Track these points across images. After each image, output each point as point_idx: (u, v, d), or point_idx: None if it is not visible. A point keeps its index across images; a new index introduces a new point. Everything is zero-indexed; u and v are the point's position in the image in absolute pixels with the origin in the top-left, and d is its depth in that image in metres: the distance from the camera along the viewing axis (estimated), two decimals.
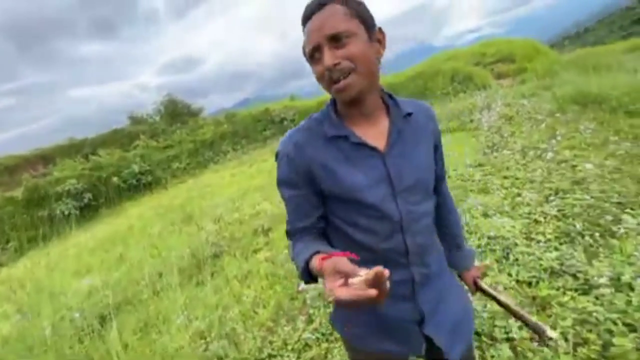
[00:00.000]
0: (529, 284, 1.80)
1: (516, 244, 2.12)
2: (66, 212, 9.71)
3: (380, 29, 0.70)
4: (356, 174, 0.70)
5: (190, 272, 3.50)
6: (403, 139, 0.73)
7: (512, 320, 1.56)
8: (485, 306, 1.71)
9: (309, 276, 0.64)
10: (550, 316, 1.56)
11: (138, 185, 11.29)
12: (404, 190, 0.72)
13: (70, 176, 10.55)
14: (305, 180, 0.72)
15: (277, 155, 0.76)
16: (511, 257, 2.02)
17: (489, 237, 2.28)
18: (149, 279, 3.43)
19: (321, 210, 0.76)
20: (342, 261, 0.51)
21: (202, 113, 16.95)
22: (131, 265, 4.35)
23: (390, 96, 0.77)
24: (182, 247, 4.22)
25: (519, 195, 2.82)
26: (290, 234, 0.78)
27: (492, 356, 1.46)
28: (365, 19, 0.67)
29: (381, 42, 0.70)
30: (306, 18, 0.67)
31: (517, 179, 3.16)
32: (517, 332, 1.50)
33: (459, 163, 3.97)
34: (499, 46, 12.32)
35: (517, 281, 1.85)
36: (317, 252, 0.61)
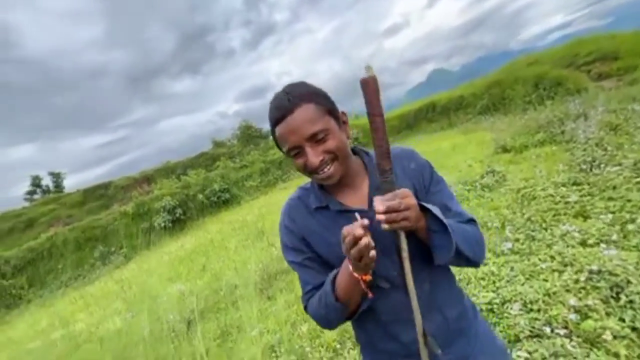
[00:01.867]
0: None
1: (629, 282, 1.75)
2: (162, 225, 11.35)
3: (343, 112, 0.75)
4: None
5: (262, 285, 3.74)
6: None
7: None
8: None
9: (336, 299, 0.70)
10: None
11: (218, 202, 12.61)
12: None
13: (166, 194, 12.37)
14: (306, 246, 0.78)
15: (279, 224, 0.83)
16: (623, 298, 1.68)
17: (590, 272, 1.94)
18: (226, 289, 3.77)
19: (327, 272, 0.77)
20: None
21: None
22: (212, 276, 4.84)
23: (367, 154, 0.81)
24: (255, 261, 4.54)
25: (632, 221, 2.34)
26: (306, 295, 0.80)
27: None
28: (333, 111, 0.72)
29: (346, 122, 0.76)
30: (278, 119, 0.68)
31: (628, 201, 2.63)
32: None
33: (548, 182, 3.49)
34: (598, 43, 10.57)
35: (634, 329, 1.52)
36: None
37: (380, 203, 0.62)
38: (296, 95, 0.67)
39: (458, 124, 11.37)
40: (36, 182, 27.07)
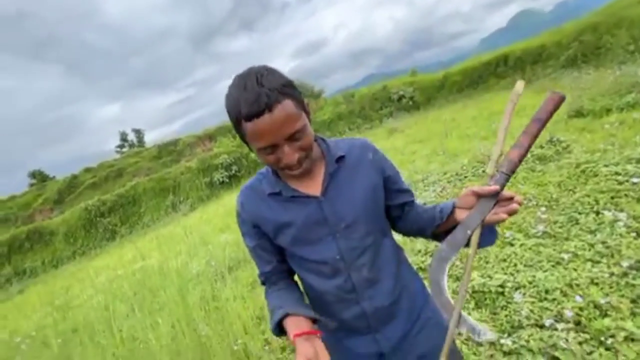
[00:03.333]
0: None
1: None
2: (220, 180, 12.52)
3: (307, 102, 0.73)
4: (293, 222, 0.76)
5: None
6: (337, 181, 0.77)
7: None
8: None
9: (281, 332, 0.70)
10: None
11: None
12: (344, 228, 0.76)
13: (224, 152, 13.41)
14: (256, 233, 0.81)
15: (235, 212, 0.85)
16: None
17: (629, 267, 1.70)
18: None
19: (280, 255, 0.83)
20: (306, 348, 0.60)
21: (324, 94, 18.04)
22: None
23: (325, 142, 0.81)
24: None
25: None
26: (261, 279, 0.86)
27: None
28: (304, 104, 0.69)
29: (309, 112, 0.74)
30: (252, 116, 0.61)
31: None
32: None
33: (620, 156, 2.94)
34: None
35: None
36: (287, 315, 0.68)
37: (520, 199, 0.67)
38: (274, 89, 0.61)
39: (534, 81, 9.77)
40: (123, 137, 31.47)
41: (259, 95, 0.59)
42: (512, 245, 2.35)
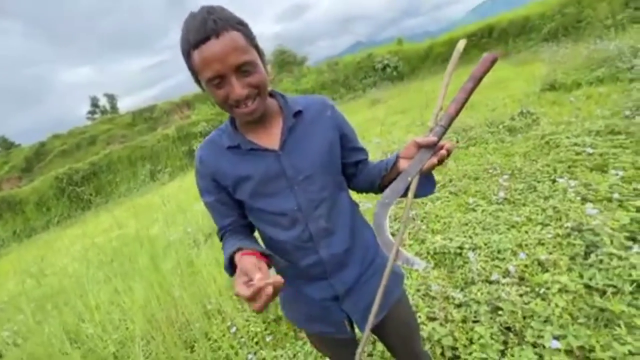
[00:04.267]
0: (603, 293, 1.45)
1: (606, 244, 1.66)
2: None
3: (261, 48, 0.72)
4: (252, 175, 0.77)
5: None
6: (295, 135, 0.79)
7: (548, 327, 1.35)
8: (526, 302, 1.50)
9: (233, 270, 0.68)
10: (610, 336, 1.27)
11: None
12: (302, 181, 0.78)
13: (202, 119, 12.96)
14: (215, 187, 0.81)
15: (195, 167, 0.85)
16: (592, 258, 1.62)
17: (572, 228, 1.85)
18: None
19: (239, 210, 0.84)
20: (246, 263, 0.58)
21: (307, 61, 17.43)
22: None
23: (283, 97, 0.82)
24: None
25: None
26: (219, 234, 0.87)
27: (513, 355, 1.33)
28: (258, 46, 0.70)
29: (264, 61, 0.73)
30: (199, 42, 0.61)
31: None
32: (550, 340, 1.30)
33: (581, 128, 3.09)
34: None
35: (587, 286, 1.51)
36: (240, 249, 0.66)
37: (451, 144, 0.71)
38: (222, 19, 0.61)
39: (515, 53, 9.79)
40: (94, 103, 29.59)
41: (206, 21, 0.60)
42: (474, 211, 2.49)
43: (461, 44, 0.69)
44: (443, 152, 0.70)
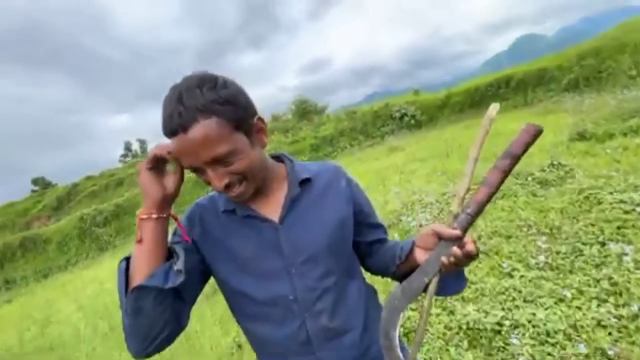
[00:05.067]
0: None
1: None
2: None
3: (259, 117, 0.61)
4: (244, 247, 0.65)
5: None
6: (300, 207, 0.68)
7: None
8: None
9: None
10: None
11: None
12: (302, 263, 0.65)
13: None
14: (191, 248, 0.65)
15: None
16: None
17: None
18: None
19: (192, 291, 0.65)
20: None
21: (327, 110, 18.18)
22: None
23: (292, 161, 0.73)
24: None
25: None
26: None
27: None
28: (242, 123, 0.57)
29: (263, 129, 0.63)
30: (169, 133, 0.54)
31: None
32: None
33: (625, 183, 2.80)
34: None
35: None
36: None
37: (474, 246, 0.57)
38: (192, 107, 0.51)
39: (536, 103, 9.74)
40: (127, 147, 31.76)
41: (173, 114, 0.52)
42: (511, 276, 2.18)
43: (493, 110, 0.57)
44: (461, 252, 0.56)
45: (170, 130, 0.53)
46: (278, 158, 0.75)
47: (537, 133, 0.52)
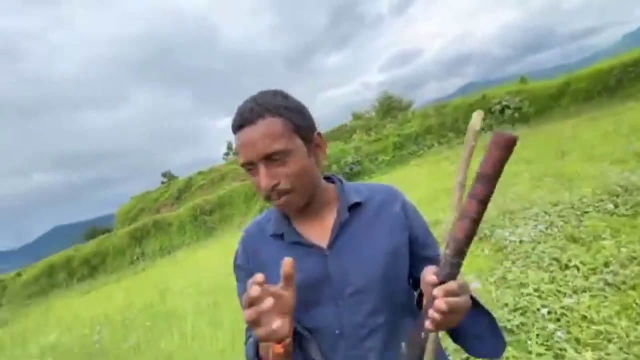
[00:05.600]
0: None
1: None
2: None
3: (319, 134, 0.64)
4: None
5: None
6: (350, 233, 0.64)
7: None
8: None
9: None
10: None
11: (350, 174, 13.30)
12: (351, 295, 0.61)
13: None
14: (249, 275, 0.66)
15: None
16: None
17: None
18: None
19: None
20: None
21: (413, 106, 17.23)
22: None
23: (341, 182, 0.70)
24: None
25: None
26: (247, 335, 0.70)
27: None
28: (304, 131, 0.60)
29: (321, 146, 0.64)
30: (238, 127, 0.59)
31: None
32: None
33: None
34: None
35: None
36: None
37: (443, 302, 0.44)
38: (263, 105, 0.58)
39: None
40: (229, 146, 36.45)
41: (246, 108, 0.58)
42: None
43: (477, 120, 0.49)
44: (434, 315, 0.44)
45: (240, 123, 0.58)
46: (329, 179, 0.73)
47: (509, 145, 0.41)
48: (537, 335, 1.79)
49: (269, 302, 0.44)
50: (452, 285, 0.45)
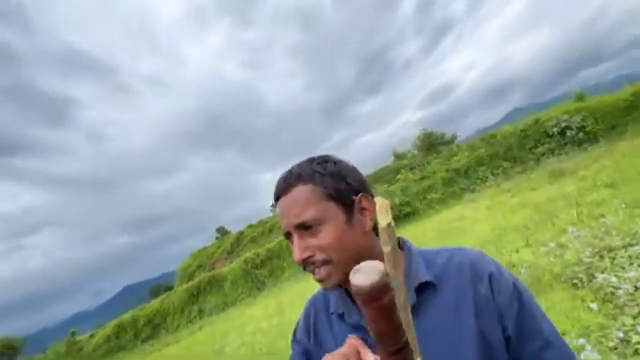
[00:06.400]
0: None
1: None
2: None
3: (364, 195, 0.56)
4: None
5: None
6: (421, 319, 0.52)
7: None
8: None
9: None
10: None
11: (399, 216, 12.65)
12: None
13: None
14: (305, 353, 0.65)
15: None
16: None
17: None
18: None
19: None
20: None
21: (457, 139, 16.53)
22: None
23: (410, 250, 0.59)
24: None
25: None
26: None
27: None
28: (342, 195, 0.55)
29: (367, 209, 0.56)
30: (276, 198, 0.59)
31: None
32: None
33: None
34: None
35: None
36: None
37: None
38: (296, 173, 0.57)
39: None
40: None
41: (281, 178, 0.58)
42: None
43: (381, 209, 0.49)
44: None
45: (277, 194, 0.58)
46: (398, 243, 0.62)
47: (374, 295, 0.44)
48: None
49: None
50: None
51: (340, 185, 0.55)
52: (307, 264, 0.55)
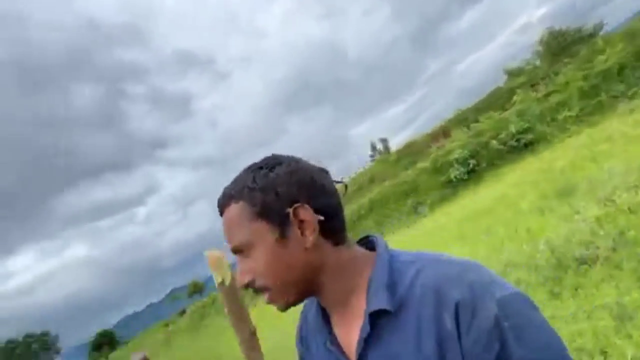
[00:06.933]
0: None
1: None
2: (458, 177, 11.53)
3: (301, 206, 0.46)
4: None
5: (548, 275, 2.81)
6: (382, 346, 0.44)
7: None
8: None
9: None
10: None
11: (519, 146, 10.62)
12: None
13: (458, 146, 12.30)
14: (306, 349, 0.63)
15: None
16: None
17: None
18: (497, 269, 3.21)
19: None
20: None
21: (602, 30, 12.09)
22: (492, 245, 4.31)
23: (390, 262, 0.48)
24: (548, 234, 3.45)
25: None
26: None
27: None
28: (271, 211, 0.47)
29: (306, 220, 0.46)
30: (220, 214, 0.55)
31: None
32: None
33: None
34: None
35: None
36: None
37: None
38: (228, 191, 0.51)
39: None
40: (373, 147, 37.26)
41: (220, 194, 0.53)
42: None
43: (212, 262, 0.50)
44: None
45: (219, 211, 0.53)
46: (369, 243, 0.55)
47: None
48: None
49: None
50: None
51: (268, 198, 0.47)
52: (251, 288, 0.51)
